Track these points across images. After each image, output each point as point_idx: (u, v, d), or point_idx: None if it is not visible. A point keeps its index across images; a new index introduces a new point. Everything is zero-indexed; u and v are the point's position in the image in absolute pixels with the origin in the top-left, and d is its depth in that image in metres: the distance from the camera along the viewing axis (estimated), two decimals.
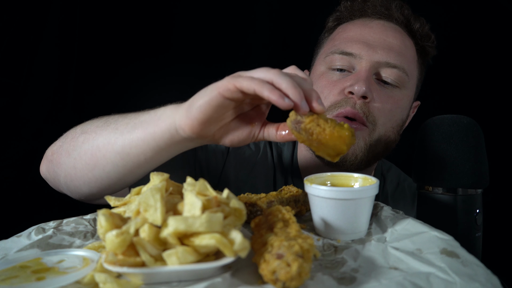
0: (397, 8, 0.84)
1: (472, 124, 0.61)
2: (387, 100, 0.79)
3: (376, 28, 0.82)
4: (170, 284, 0.39)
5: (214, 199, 0.42)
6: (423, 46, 0.86)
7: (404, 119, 0.85)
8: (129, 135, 0.59)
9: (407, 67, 0.81)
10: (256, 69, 0.51)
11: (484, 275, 0.39)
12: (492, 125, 1.06)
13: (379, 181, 0.53)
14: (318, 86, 0.83)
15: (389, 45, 0.80)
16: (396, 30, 0.83)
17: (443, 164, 0.60)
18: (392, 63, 0.79)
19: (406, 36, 0.84)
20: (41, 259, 0.43)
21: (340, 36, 0.85)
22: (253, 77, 0.48)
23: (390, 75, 0.79)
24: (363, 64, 0.78)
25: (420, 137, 0.64)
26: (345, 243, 0.49)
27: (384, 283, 0.38)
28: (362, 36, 0.81)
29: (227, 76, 0.51)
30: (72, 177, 0.65)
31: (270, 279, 0.37)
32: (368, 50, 0.79)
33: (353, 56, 0.79)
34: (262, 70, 0.50)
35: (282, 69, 0.52)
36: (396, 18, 0.84)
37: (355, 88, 0.75)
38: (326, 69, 0.83)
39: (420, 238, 0.47)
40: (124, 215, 0.47)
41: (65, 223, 0.56)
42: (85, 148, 0.63)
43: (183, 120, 0.53)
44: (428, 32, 0.87)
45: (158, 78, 1.41)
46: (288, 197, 0.59)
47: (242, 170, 0.88)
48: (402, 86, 0.81)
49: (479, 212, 0.60)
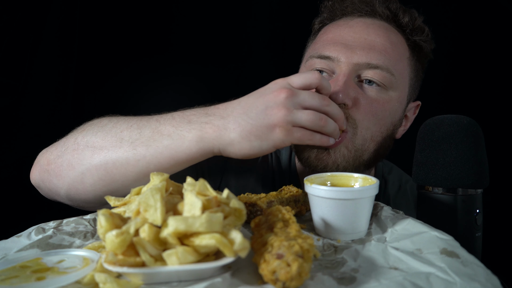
0: (381, 3, 0.78)
1: (472, 124, 0.61)
2: (369, 104, 0.73)
3: (356, 26, 0.76)
4: (170, 284, 0.39)
5: (214, 199, 0.42)
6: (415, 41, 0.80)
7: (395, 123, 0.79)
8: (154, 158, 0.58)
9: (393, 66, 0.74)
10: (305, 98, 0.57)
11: (484, 275, 0.39)
12: (492, 125, 1.06)
13: (379, 181, 0.53)
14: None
15: (371, 44, 0.74)
16: (380, 26, 0.77)
17: (443, 164, 0.60)
18: (373, 64, 0.72)
19: (393, 32, 0.78)
20: (41, 259, 0.43)
21: (321, 39, 0.80)
22: (309, 128, 0.57)
23: (373, 76, 0.73)
24: (342, 67, 0.73)
25: (420, 137, 0.64)
26: (345, 243, 0.49)
27: (384, 283, 0.38)
28: (341, 36, 0.76)
29: (273, 86, 0.58)
30: (79, 191, 0.63)
31: (270, 279, 0.37)
32: (346, 51, 0.73)
33: (331, 59, 0.74)
34: (312, 104, 0.57)
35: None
36: (380, 14, 0.78)
37: (332, 97, 0.69)
38: None
39: (420, 238, 0.47)
40: (124, 215, 0.47)
41: (65, 223, 0.56)
42: (96, 164, 0.60)
43: (231, 152, 0.57)
44: (420, 25, 0.80)
45: (158, 78, 1.41)
46: (288, 197, 0.59)
47: (241, 176, 0.87)
48: (389, 87, 0.75)
49: (479, 212, 0.60)
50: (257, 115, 0.55)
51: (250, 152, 0.56)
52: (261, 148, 0.56)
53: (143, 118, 0.63)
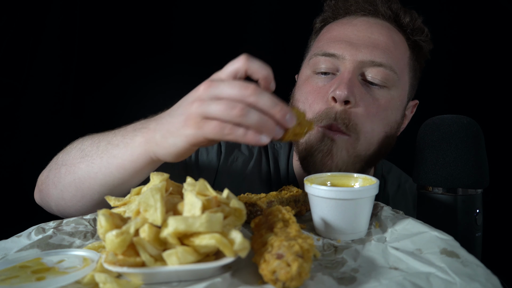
0: (384, 2, 0.79)
1: (472, 124, 0.61)
2: (372, 103, 0.74)
3: (360, 25, 0.78)
4: (170, 284, 0.39)
5: (214, 199, 0.42)
6: (415, 41, 0.81)
7: (398, 121, 0.80)
8: (106, 170, 0.59)
9: (395, 65, 0.76)
10: (223, 89, 0.47)
11: (484, 275, 0.39)
12: (492, 125, 1.06)
13: (379, 181, 0.53)
14: (302, 93, 0.79)
15: (374, 42, 0.75)
16: (383, 25, 0.78)
17: (443, 164, 0.60)
18: (377, 62, 0.74)
19: (395, 32, 0.79)
20: (41, 259, 0.43)
21: (324, 37, 0.81)
22: (222, 120, 0.46)
23: (376, 74, 0.74)
24: (347, 65, 0.74)
25: (420, 137, 0.64)
26: (345, 243, 0.49)
27: (384, 283, 0.38)
28: (345, 35, 0.77)
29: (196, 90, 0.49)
30: (63, 206, 0.67)
31: (270, 279, 0.37)
32: (351, 49, 0.74)
33: (336, 57, 0.75)
34: (230, 94, 0.46)
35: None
36: (383, 14, 0.79)
37: (336, 93, 0.71)
38: (311, 73, 0.80)
39: (420, 238, 0.47)
40: (124, 215, 0.47)
41: (65, 223, 0.56)
42: (69, 181, 0.64)
43: (161, 156, 0.54)
44: (420, 26, 0.81)
45: (158, 79, 1.41)
46: (288, 197, 0.59)
47: (235, 181, 0.85)
48: (391, 86, 0.76)
49: (479, 212, 0.60)
50: (175, 112, 0.52)
51: (170, 151, 0.51)
52: (175, 146, 0.50)
53: (110, 132, 0.64)
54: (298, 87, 0.83)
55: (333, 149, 0.73)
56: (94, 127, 1.43)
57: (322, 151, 0.73)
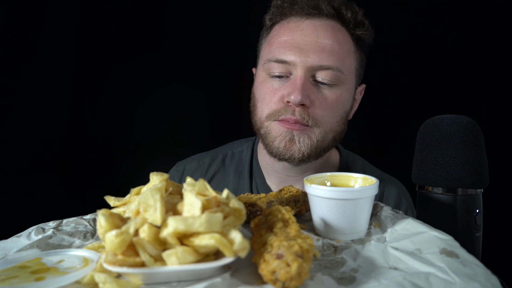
0: (326, 2, 0.84)
1: (472, 124, 0.61)
2: (325, 101, 0.82)
3: (306, 29, 0.83)
4: (170, 284, 0.39)
5: (214, 199, 0.42)
6: (357, 35, 0.87)
7: (347, 110, 0.89)
8: None
9: (341, 64, 0.83)
10: None
11: (483, 275, 0.39)
12: (492, 125, 1.06)
13: (378, 181, 0.53)
14: (261, 93, 0.87)
15: (321, 47, 0.81)
16: (327, 27, 0.84)
17: (443, 164, 0.60)
18: (325, 65, 0.81)
19: (339, 30, 0.85)
20: (41, 259, 0.43)
21: (275, 41, 0.86)
22: None
23: (325, 76, 0.81)
24: (298, 70, 0.81)
25: (420, 137, 0.64)
26: (345, 243, 0.49)
27: (384, 283, 0.38)
28: (294, 40, 0.83)
29: None
30: None
31: (269, 279, 0.37)
32: (300, 55, 0.81)
33: (287, 63, 0.82)
34: None
35: None
36: (326, 14, 0.84)
37: (291, 98, 0.79)
38: (266, 76, 0.86)
39: (419, 238, 0.47)
40: (124, 215, 0.47)
41: (65, 223, 0.56)
42: None
43: None
44: (361, 19, 0.87)
45: (157, 79, 1.41)
46: (288, 197, 0.59)
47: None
48: (339, 83, 0.83)
49: (479, 212, 0.60)
50: None
51: None
52: None
53: None
54: (256, 87, 0.91)
55: (295, 137, 0.82)
56: (94, 126, 1.43)
57: (284, 139, 0.82)
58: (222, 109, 1.45)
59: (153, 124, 1.44)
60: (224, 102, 1.44)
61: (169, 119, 1.42)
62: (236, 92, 1.42)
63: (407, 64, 1.31)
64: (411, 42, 1.30)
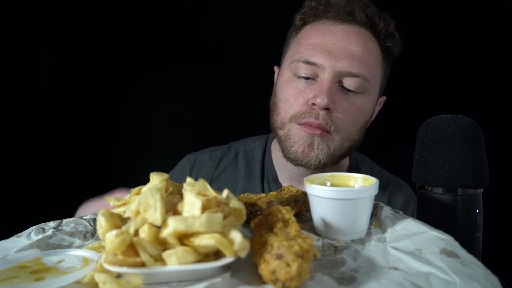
0: (361, 10, 0.84)
1: (472, 124, 0.61)
2: (349, 108, 0.82)
3: (339, 34, 0.83)
4: (170, 284, 0.39)
5: (214, 199, 0.42)
6: (387, 46, 0.88)
7: (367, 120, 0.89)
8: None
9: (369, 73, 0.83)
10: None
11: (484, 275, 0.39)
12: (492, 125, 1.06)
13: (378, 181, 0.53)
14: (284, 93, 0.86)
15: (352, 53, 0.81)
16: (359, 34, 0.84)
17: (443, 164, 0.60)
18: (353, 72, 0.81)
19: (370, 39, 0.85)
20: (41, 259, 0.43)
21: (305, 42, 0.86)
22: None
23: (352, 83, 0.81)
24: (326, 74, 0.80)
25: (420, 137, 0.64)
26: (345, 243, 0.49)
27: (384, 283, 0.38)
28: (325, 43, 0.82)
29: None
30: None
31: (269, 279, 0.37)
32: (330, 59, 0.80)
33: (316, 65, 0.81)
34: None
35: None
36: (360, 21, 0.84)
37: (317, 101, 0.78)
38: (291, 76, 0.85)
39: (420, 238, 0.47)
40: (124, 215, 0.47)
41: (65, 223, 0.56)
42: None
43: None
44: (392, 31, 0.88)
45: (157, 79, 1.41)
46: (288, 197, 0.59)
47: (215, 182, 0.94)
48: (364, 92, 0.83)
49: (479, 212, 0.60)
50: None
51: None
52: None
53: None
54: (279, 86, 0.89)
55: (315, 143, 0.81)
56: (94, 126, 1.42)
57: (303, 145, 0.82)
58: (222, 109, 1.46)
59: (153, 124, 1.44)
60: (224, 102, 1.45)
61: (169, 119, 1.42)
62: (236, 92, 1.42)
63: (407, 64, 1.31)
64: (411, 42, 1.30)
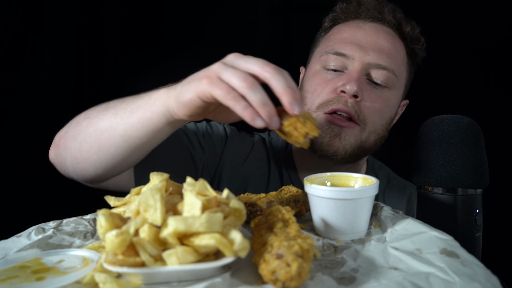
0: (390, 11, 0.88)
1: (472, 124, 0.61)
2: (376, 100, 0.83)
3: (368, 30, 0.86)
4: (170, 284, 0.39)
5: (214, 199, 0.42)
6: (413, 48, 0.91)
7: (392, 117, 0.90)
8: (128, 119, 0.62)
9: (396, 69, 0.85)
10: (247, 60, 0.52)
11: (484, 275, 0.39)
12: (492, 125, 1.06)
13: (378, 181, 0.53)
14: (312, 84, 0.87)
15: (380, 47, 0.84)
16: (388, 33, 0.87)
17: (443, 164, 0.60)
18: (382, 65, 0.83)
19: (397, 39, 0.88)
20: (41, 259, 0.43)
21: (335, 37, 0.88)
22: (231, 86, 0.50)
23: (380, 76, 0.83)
24: (355, 65, 0.82)
25: (420, 137, 0.64)
26: (345, 243, 0.49)
27: (384, 283, 0.38)
28: (355, 37, 0.85)
29: (218, 62, 0.54)
30: (78, 159, 0.68)
31: (269, 279, 0.37)
32: (360, 51, 0.82)
33: (346, 57, 0.83)
34: (250, 66, 0.51)
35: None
36: (388, 21, 0.88)
37: (347, 88, 0.79)
38: (320, 68, 0.87)
39: (420, 238, 0.47)
40: (124, 215, 0.47)
41: (65, 223, 0.56)
42: (89, 132, 0.66)
43: (175, 109, 0.57)
44: (418, 35, 0.91)
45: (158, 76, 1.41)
46: (288, 197, 0.59)
47: (236, 161, 0.92)
48: (391, 87, 0.85)
49: (479, 212, 0.60)
50: (201, 70, 0.56)
51: (181, 99, 0.55)
52: (186, 95, 0.54)
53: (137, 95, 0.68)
54: (307, 79, 0.90)
55: (342, 133, 0.81)
56: None
57: (330, 134, 0.81)
58: None
59: None
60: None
61: None
62: None
63: None
64: None
